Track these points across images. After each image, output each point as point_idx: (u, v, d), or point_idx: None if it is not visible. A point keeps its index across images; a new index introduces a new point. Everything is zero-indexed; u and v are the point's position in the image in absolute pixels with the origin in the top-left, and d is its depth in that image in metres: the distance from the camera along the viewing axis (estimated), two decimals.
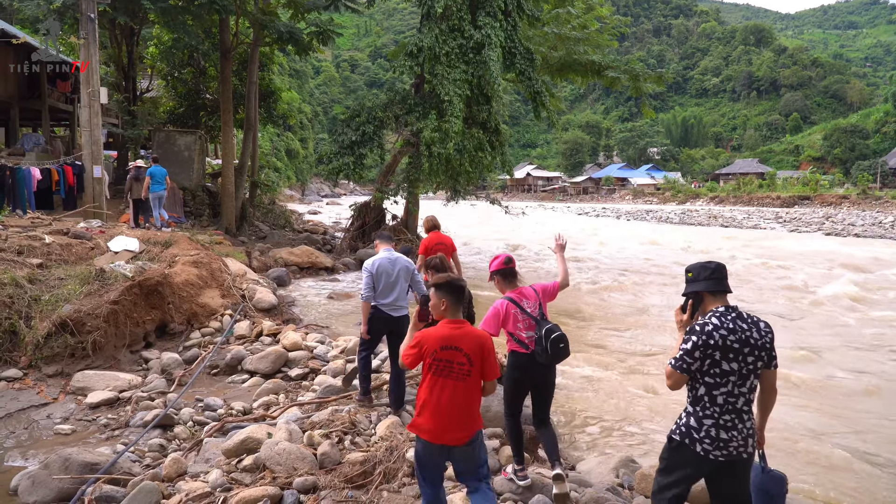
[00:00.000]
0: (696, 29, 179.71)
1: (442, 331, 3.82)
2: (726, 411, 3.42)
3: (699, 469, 3.50)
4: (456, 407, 3.76)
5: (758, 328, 3.50)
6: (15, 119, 23.09)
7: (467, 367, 3.77)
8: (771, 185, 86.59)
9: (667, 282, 19.99)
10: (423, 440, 3.82)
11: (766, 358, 3.50)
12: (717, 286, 3.58)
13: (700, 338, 3.41)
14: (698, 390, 3.49)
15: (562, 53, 26.07)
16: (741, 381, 3.42)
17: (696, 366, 3.44)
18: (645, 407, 8.23)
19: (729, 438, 3.41)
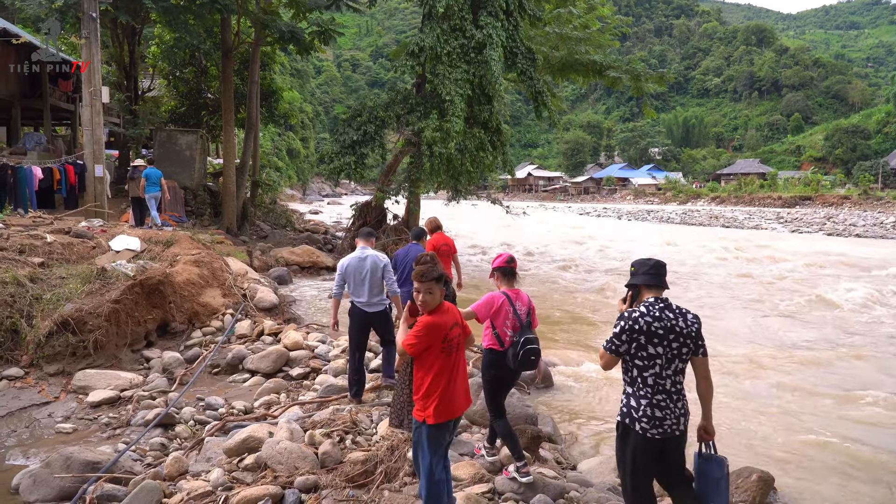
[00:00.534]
0: (698, 29, 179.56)
1: (440, 317, 4.05)
2: (657, 392, 3.78)
3: (648, 450, 3.78)
4: (459, 377, 4.14)
5: (685, 318, 3.86)
6: (16, 118, 23.08)
7: (461, 336, 4.20)
8: (772, 185, 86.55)
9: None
10: (442, 424, 4.04)
11: (693, 346, 3.85)
12: (653, 280, 3.95)
13: (627, 323, 3.81)
14: (632, 372, 3.86)
15: (563, 53, 26.06)
16: (668, 364, 3.78)
17: (623, 348, 3.83)
18: None
19: (663, 417, 3.75)
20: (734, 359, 10.89)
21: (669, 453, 3.83)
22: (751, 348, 11.68)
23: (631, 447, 3.82)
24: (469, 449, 5.61)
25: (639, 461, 3.82)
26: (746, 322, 14.15)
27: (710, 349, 4.13)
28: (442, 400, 4.01)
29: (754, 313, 15.16)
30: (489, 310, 5.15)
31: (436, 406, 4.00)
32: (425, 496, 4.09)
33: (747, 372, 10.15)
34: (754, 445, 7.17)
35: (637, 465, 3.82)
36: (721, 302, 16.77)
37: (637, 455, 3.81)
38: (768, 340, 12.43)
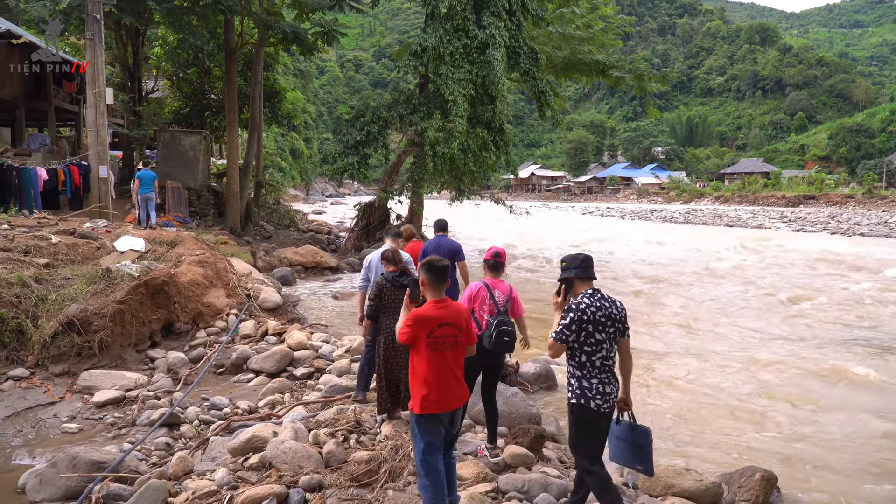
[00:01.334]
0: (701, 28, 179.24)
1: (434, 311, 4.23)
2: (604, 371, 4.22)
3: (598, 423, 4.23)
4: (456, 370, 4.27)
5: (615, 305, 4.31)
6: (21, 119, 23.16)
7: (460, 338, 4.26)
8: (776, 184, 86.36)
9: (675, 283, 20.00)
10: (436, 416, 4.19)
11: (622, 328, 4.32)
12: (584, 273, 4.34)
13: (576, 314, 4.18)
14: (580, 357, 4.23)
15: (566, 53, 26.05)
16: (609, 347, 4.25)
17: (573, 338, 4.20)
18: (649, 406, 8.24)
19: (610, 392, 4.24)
20: (740, 359, 10.90)
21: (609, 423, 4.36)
22: (764, 347, 11.69)
23: (588, 422, 4.23)
24: (472, 448, 5.63)
25: (592, 433, 4.25)
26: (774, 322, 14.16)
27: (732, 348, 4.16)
28: (428, 393, 4.15)
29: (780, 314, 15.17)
30: (469, 302, 5.58)
31: (422, 397, 4.17)
32: (420, 485, 4.22)
33: (756, 370, 10.16)
34: (757, 444, 7.18)
35: (590, 437, 4.26)
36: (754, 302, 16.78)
37: (592, 427, 4.24)
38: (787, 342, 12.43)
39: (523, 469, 5.31)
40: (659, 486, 5.12)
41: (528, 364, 8.87)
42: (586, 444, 4.27)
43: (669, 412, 8.08)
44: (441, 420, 4.24)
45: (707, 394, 8.92)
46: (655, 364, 10.40)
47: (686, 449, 6.99)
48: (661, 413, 8.06)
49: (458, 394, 4.29)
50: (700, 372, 10.08)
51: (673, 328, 13.44)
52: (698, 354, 11.20)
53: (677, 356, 11.04)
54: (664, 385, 9.24)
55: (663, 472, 5.21)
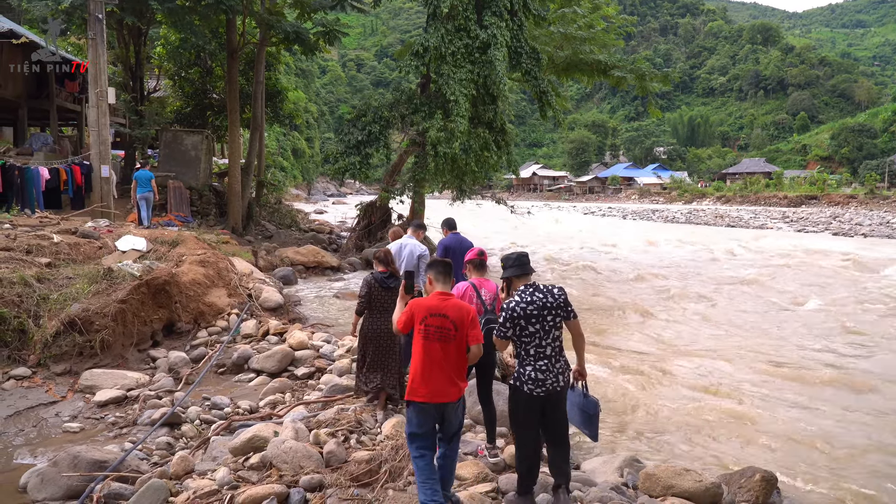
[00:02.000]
0: (703, 28, 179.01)
1: (431, 301, 4.42)
2: (539, 359, 4.53)
3: (531, 405, 4.56)
4: (446, 365, 4.33)
5: (552, 294, 4.61)
6: (23, 119, 23.22)
7: (453, 332, 4.33)
8: (778, 184, 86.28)
9: (677, 283, 19.98)
10: (419, 404, 4.33)
11: (564, 313, 4.61)
12: (519, 271, 4.74)
13: (508, 313, 4.55)
14: (519, 348, 4.61)
15: (568, 53, 26.03)
16: (545, 335, 4.53)
17: (510, 332, 4.56)
18: (650, 406, 8.24)
19: (544, 378, 4.51)
20: (742, 359, 10.90)
21: (551, 408, 4.60)
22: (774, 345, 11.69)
23: (518, 404, 4.63)
24: (472, 448, 5.64)
25: (523, 415, 4.62)
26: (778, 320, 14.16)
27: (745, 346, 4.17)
28: (416, 381, 4.32)
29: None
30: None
31: (410, 385, 4.35)
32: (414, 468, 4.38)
33: (757, 370, 10.16)
34: (758, 445, 7.18)
35: (521, 419, 4.64)
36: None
37: (522, 409, 4.61)
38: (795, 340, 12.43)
39: None
40: (659, 487, 5.12)
41: None
42: (518, 423, 4.70)
43: (668, 411, 8.09)
44: (426, 411, 4.33)
45: (707, 393, 8.93)
46: (655, 363, 10.41)
47: (686, 449, 7.00)
48: (660, 413, 8.06)
49: (445, 389, 4.33)
50: (700, 371, 10.09)
51: (675, 326, 13.44)
52: (699, 353, 11.20)
53: (677, 355, 11.05)
54: (664, 384, 9.25)
55: (663, 472, 5.21)
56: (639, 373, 9.77)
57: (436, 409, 4.34)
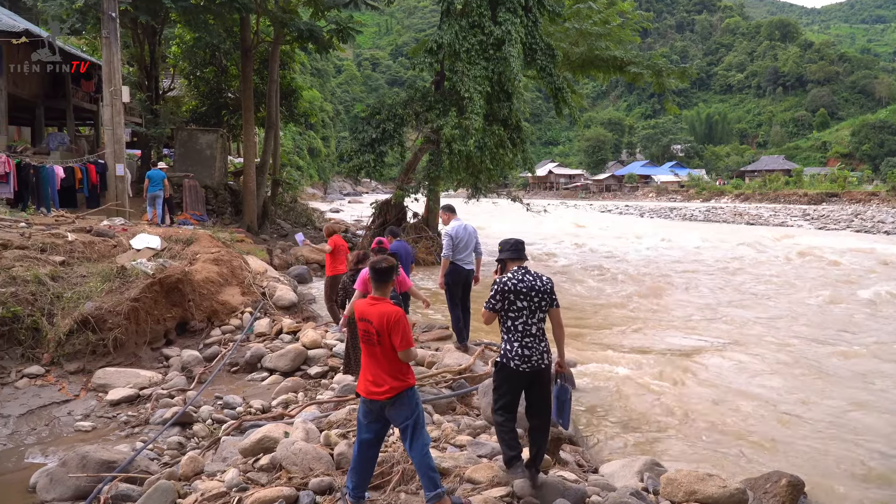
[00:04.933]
0: (720, 24, 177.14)
1: (361, 304, 4.57)
2: (525, 336, 4.81)
3: (518, 381, 4.83)
4: (372, 367, 4.46)
5: (540, 280, 4.94)
6: (40, 118, 23.31)
7: (375, 337, 4.41)
8: (798, 181, 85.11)
9: (689, 281, 19.71)
10: (360, 396, 4.57)
11: (549, 300, 4.91)
12: (514, 255, 5.08)
13: (499, 286, 4.89)
14: (507, 323, 4.87)
15: (583, 49, 25.79)
16: (531, 314, 4.84)
17: (499, 306, 4.88)
18: (672, 409, 8.04)
19: (530, 354, 4.78)
20: (767, 359, 10.66)
21: (536, 383, 4.87)
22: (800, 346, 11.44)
23: (505, 378, 4.88)
24: (487, 451, 5.48)
25: (508, 388, 4.88)
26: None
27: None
28: (360, 379, 4.60)
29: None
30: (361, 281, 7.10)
31: (359, 382, 4.63)
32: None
33: (785, 369, 9.93)
34: (784, 448, 6.97)
35: (505, 391, 4.89)
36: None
37: (509, 383, 4.86)
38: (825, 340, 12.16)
39: (539, 473, 5.14)
40: (681, 492, 4.95)
41: None
42: (502, 395, 4.91)
43: (691, 412, 7.88)
44: (365, 404, 4.53)
45: (731, 393, 8.71)
46: (677, 361, 10.20)
47: (709, 452, 6.79)
48: (683, 414, 7.86)
49: (373, 387, 4.45)
50: (725, 370, 9.87)
51: (700, 324, 13.21)
52: (724, 352, 10.98)
53: (701, 353, 10.83)
54: (686, 384, 9.04)
55: (685, 477, 5.03)
56: (660, 371, 9.58)
57: (370, 405, 4.50)
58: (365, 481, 4.58)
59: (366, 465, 4.56)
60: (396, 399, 4.43)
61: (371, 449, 4.57)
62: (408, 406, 4.45)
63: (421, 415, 4.54)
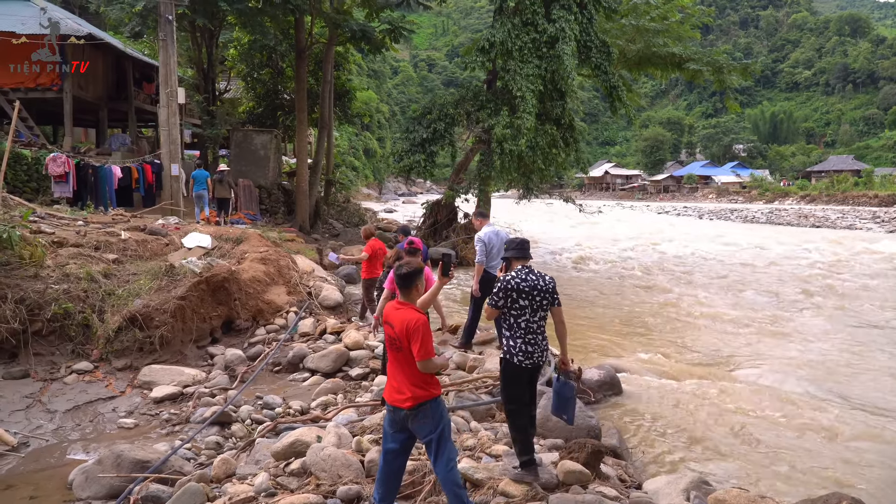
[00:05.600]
0: (787, 20, 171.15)
1: (388, 308, 4.43)
2: (528, 332, 4.97)
3: (521, 376, 5.00)
4: (396, 373, 4.32)
5: (543, 279, 5.09)
6: (104, 120, 24.05)
7: (398, 343, 4.25)
8: (868, 182, 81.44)
9: (740, 285, 18.98)
10: (385, 403, 4.40)
11: (550, 298, 5.07)
12: (519, 254, 5.23)
13: (503, 284, 5.03)
14: (510, 320, 5.01)
15: (640, 46, 25.12)
16: (533, 313, 5.00)
17: (502, 303, 5.01)
18: (722, 421, 7.61)
19: (532, 351, 4.97)
20: (827, 369, 10.10)
21: (535, 379, 5.11)
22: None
23: (510, 374, 5.02)
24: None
25: (513, 383, 5.02)
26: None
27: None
28: (386, 384, 4.44)
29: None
30: (390, 280, 7.22)
31: (385, 386, 4.46)
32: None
33: (844, 381, 9.37)
34: (844, 467, 6.51)
35: (514, 390, 5.03)
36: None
37: (514, 381, 5.01)
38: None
39: (577, 488, 4.89)
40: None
41: (591, 370, 8.39)
42: (509, 390, 5.07)
43: (744, 426, 7.45)
44: (391, 411, 4.34)
45: (788, 405, 8.23)
46: (732, 370, 9.74)
47: (761, 470, 6.38)
48: (735, 427, 7.44)
49: (395, 395, 4.30)
50: (781, 380, 9.36)
51: (766, 334, 12.64)
52: (782, 361, 10.44)
53: (757, 361, 10.32)
54: (740, 395, 8.58)
55: (735, 498, 4.68)
56: (713, 381, 9.13)
57: (394, 412, 4.32)
58: (391, 493, 4.35)
59: (392, 476, 4.35)
60: (419, 410, 4.22)
61: (397, 459, 4.35)
62: (431, 419, 4.23)
63: (447, 427, 4.31)
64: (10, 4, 19.24)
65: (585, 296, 17.03)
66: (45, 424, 7.39)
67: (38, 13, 18.00)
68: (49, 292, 8.92)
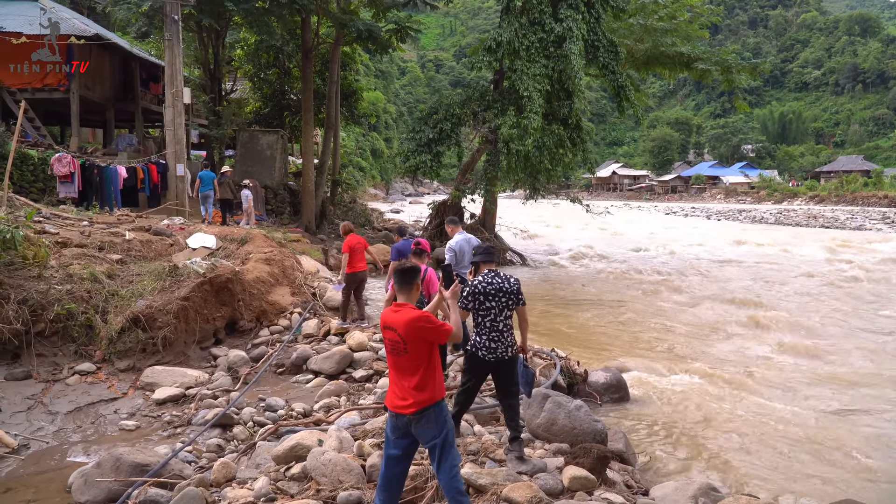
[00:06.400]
0: (796, 20, 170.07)
1: (386, 313, 4.28)
2: (493, 331, 5.39)
3: (483, 368, 5.49)
4: (398, 379, 4.22)
5: (508, 282, 5.53)
6: (111, 121, 24.07)
7: (402, 346, 4.12)
8: (877, 183, 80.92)
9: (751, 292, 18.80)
10: (388, 410, 4.29)
11: (515, 299, 5.51)
12: (485, 258, 5.75)
13: (471, 288, 5.48)
14: (478, 319, 5.49)
15: (648, 46, 24.95)
16: (499, 312, 5.43)
17: (471, 305, 5.45)
18: (732, 427, 7.48)
19: (496, 347, 5.38)
20: (845, 375, 9.95)
21: (502, 370, 5.48)
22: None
23: (473, 365, 5.52)
24: (528, 468, 5.13)
25: (474, 373, 5.56)
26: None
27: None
28: (388, 392, 4.32)
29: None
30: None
31: (387, 395, 4.34)
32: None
33: (861, 387, 9.23)
34: (857, 474, 6.38)
35: (472, 375, 5.58)
36: None
37: (475, 370, 5.52)
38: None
39: (583, 494, 4.79)
40: None
41: (597, 373, 8.28)
42: (468, 375, 5.64)
43: (753, 432, 7.32)
44: (393, 417, 4.22)
45: (800, 410, 8.09)
46: (741, 375, 9.60)
47: (770, 476, 6.25)
48: (744, 433, 7.31)
49: (398, 402, 4.17)
50: (793, 385, 9.22)
51: (779, 338, 12.49)
52: (793, 366, 10.30)
53: (767, 367, 10.18)
54: (749, 400, 8.45)
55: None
56: (723, 386, 9.00)
57: (397, 419, 4.20)
58: (393, 498, 4.23)
59: (393, 481, 4.23)
60: (422, 415, 4.11)
61: (399, 465, 4.24)
62: (435, 424, 4.13)
63: (450, 432, 4.21)
64: (14, 4, 19.28)
65: (591, 296, 16.91)
66: (47, 426, 7.33)
67: (39, 13, 18.01)
68: (52, 293, 8.87)
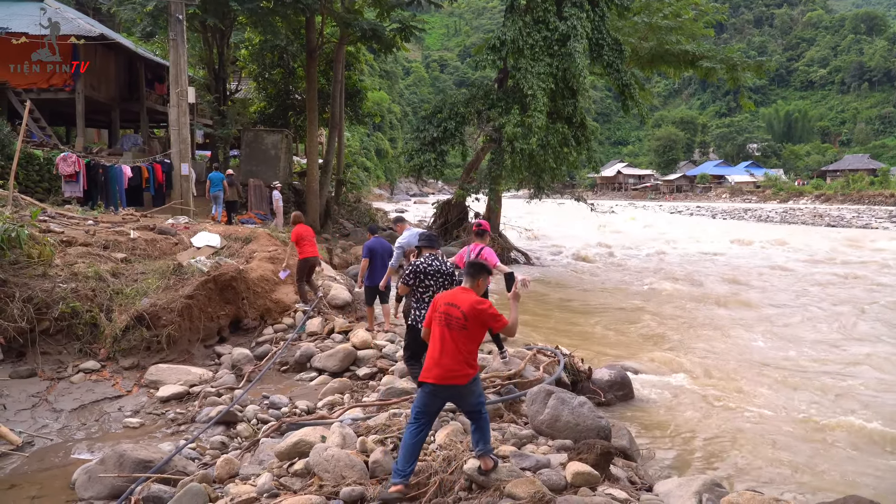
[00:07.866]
0: (802, 18, 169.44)
1: (451, 292, 4.92)
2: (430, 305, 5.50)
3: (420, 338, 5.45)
4: (451, 351, 4.65)
5: (444, 265, 6.53)
6: (116, 121, 24.17)
7: (462, 321, 4.67)
8: (884, 181, 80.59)
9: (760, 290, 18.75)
10: (430, 385, 4.67)
11: (450, 280, 6.44)
12: (427, 244, 6.69)
13: (412, 267, 6.46)
14: (417, 295, 6.47)
15: (653, 44, 24.90)
16: (437, 290, 6.25)
17: (412, 282, 6.45)
18: (736, 424, 7.46)
19: None
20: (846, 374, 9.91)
21: None
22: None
23: (413, 337, 6.33)
24: (531, 463, 5.11)
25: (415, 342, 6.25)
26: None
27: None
28: (435, 365, 4.67)
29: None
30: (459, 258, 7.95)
31: (431, 368, 4.69)
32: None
33: (862, 385, 9.18)
34: (860, 470, 6.35)
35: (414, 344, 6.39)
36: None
37: (416, 341, 6.11)
38: None
39: (586, 490, 4.76)
40: None
41: (601, 370, 8.26)
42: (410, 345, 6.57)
43: (756, 428, 7.30)
44: (436, 393, 4.70)
45: (802, 406, 8.06)
46: (744, 372, 9.57)
47: (774, 472, 6.23)
48: (746, 429, 7.29)
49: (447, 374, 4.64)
50: (795, 382, 9.19)
51: (784, 336, 12.45)
52: (794, 363, 10.26)
53: (769, 364, 10.14)
54: (752, 396, 8.42)
55: (748, 501, 4.55)
56: (727, 383, 8.97)
57: (443, 391, 4.70)
58: (415, 462, 4.72)
59: (419, 447, 4.73)
60: (473, 384, 4.74)
61: (424, 433, 4.76)
62: (477, 390, 4.83)
63: (484, 398, 5.03)
64: (19, 5, 19.34)
65: (596, 295, 16.88)
66: (51, 423, 7.36)
67: (39, 14, 18.06)
68: (57, 291, 8.90)
